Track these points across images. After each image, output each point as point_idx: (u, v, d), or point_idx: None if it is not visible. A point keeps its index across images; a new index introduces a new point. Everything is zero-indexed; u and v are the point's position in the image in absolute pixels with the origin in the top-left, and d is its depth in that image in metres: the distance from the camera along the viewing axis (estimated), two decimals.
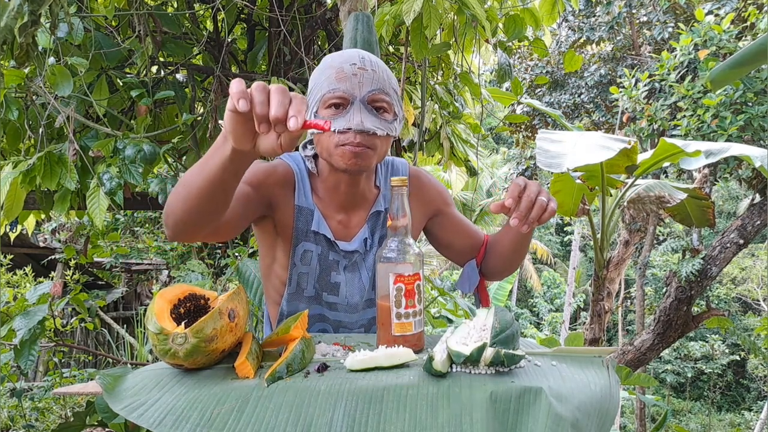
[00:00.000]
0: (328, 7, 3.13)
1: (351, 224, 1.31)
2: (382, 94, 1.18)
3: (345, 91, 1.16)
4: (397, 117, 1.23)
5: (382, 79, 1.19)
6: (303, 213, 1.27)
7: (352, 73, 1.16)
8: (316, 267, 1.28)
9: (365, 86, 1.16)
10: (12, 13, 1.46)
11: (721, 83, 0.86)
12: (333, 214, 1.29)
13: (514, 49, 3.62)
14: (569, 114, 9.03)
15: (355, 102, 1.16)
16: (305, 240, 1.27)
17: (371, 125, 1.15)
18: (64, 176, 2.32)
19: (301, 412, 0.82)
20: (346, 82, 1.16)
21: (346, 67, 1.17)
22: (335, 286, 1.30)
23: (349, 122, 1.14)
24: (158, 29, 2.67)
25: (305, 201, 1.27)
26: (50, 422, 3.68)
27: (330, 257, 1.29)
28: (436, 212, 1.39)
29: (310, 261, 1.28)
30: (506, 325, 0.94)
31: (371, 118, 1.16)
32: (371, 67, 1.18)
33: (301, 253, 1.28)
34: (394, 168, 1.38)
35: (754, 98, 3.85)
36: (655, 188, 2.72)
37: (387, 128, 1.19)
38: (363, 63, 1.18)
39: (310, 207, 1.27)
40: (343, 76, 1.16)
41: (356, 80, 1.16)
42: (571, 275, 13.82)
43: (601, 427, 0.86)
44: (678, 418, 13.58)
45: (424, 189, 1.37)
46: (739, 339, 6.12)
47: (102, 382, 0.92)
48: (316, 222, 1.27)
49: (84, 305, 2.69)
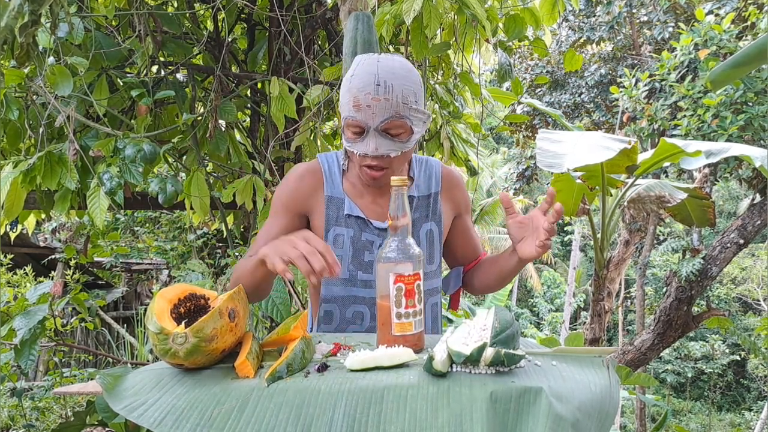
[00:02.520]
0: (329, 7, 3.13)
1: (386, 206, 1.36)
2: (395, 120, 1.25)
3: (360, 120, 1.25)
4: (414, 132, 1.30)
5: (397, 104, 1.24)
6: (333, 202, 1.37)
7: (366, 104, 1.24)
8: (349, 249, 1.35)
9: (378, 117, 1.24)
10: (12, 13, 1.46)
11: (721, 83, 0.85)
12: (367, 196, 1.38)
13: (514, 48, 3.62)
14: (569, 114, 9.03)
15: (370, 131, 1.25)
16: (336, 225, 1.36)
17: (385, 150, 1.26)
18: (65, 176, 2.32)
19: (302, 412, 0.82)
20: (362, 113, 1.24)
21: (362, 98, 1.24)
22: (369, 265, 1.35)
23: (366, 148, 1.26)
24: (158, 29, 2.67)
25: (335, 191, 1.37)
26: (50, 422, 3.68)
27: (363, 238, 1.36)
28: (458, 214, 1.48)
29: (343, 244, 1.35)
30: (506, 325, 0.94)
31: (386, 143, 1.26)
32: (384, 96, 1.23)
33: (333, 238, 1.36)
34: (429, 164, 1.46)
35: (755, 98, 3.85)
36: (656, 188, 2.72)
37: (402, 148, 1.28)
38: (377, 92, 1.23)
39: (339, 196, 1.37)
40: (359, 107, 1.24)
41: (370, 111, 1.24)
42: (572, 275, 13.82)
43: (601, 427, 0.86)
44: (678, 418, 13.58)
45: (456, 189, 1.47)
46: (740, 339, 6.12)
47: (102, 382, 0.92)
48: (347, 207, 1.36)
49: (84, 305, 2.69)
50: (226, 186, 2.80)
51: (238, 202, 2.69)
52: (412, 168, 1.44)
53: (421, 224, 1.40)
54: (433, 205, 1.41)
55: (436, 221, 1.41)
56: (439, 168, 1.46)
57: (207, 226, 4.98)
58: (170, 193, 2.41)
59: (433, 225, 1.41)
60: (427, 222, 1.40)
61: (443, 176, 1.45)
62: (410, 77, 1.27)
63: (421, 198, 1.41)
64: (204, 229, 5.04)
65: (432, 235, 1.40)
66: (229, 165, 3.02)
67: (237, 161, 3.00)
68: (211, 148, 2.88)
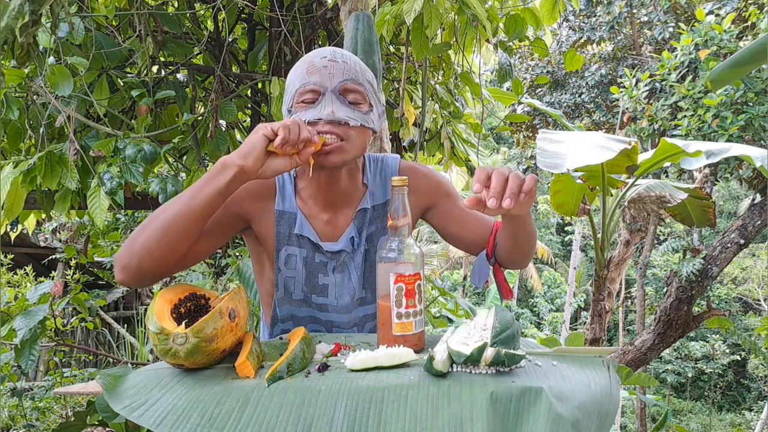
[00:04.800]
0: (329, 7, 3.13)
1: (338, 223, 1.26)
2: (354, 84, 1.16)
3: (316, 82, 1.15)
4: (373, 109, 1.20)
5: (354, 70, 1.18)
6: (284, 217, 1.24)
7: (322, 65, 1.15)
8: (302, 270, 1.25)
9: (336, 77, 1.15)
10: (13, 13, 1.46)
11: (721, 83, 0.85)
12: (319, 214, 1.25)
13: (514, 48, 3.62)
14: (570, 114, 9.03)
15: (326, 93, 1.14)
16: (288, 244, 1.24)
17: (343, 115, 1.13)
18: (65, 176, 2.32)
19: (302, 412, 0.82)
20: (317, 75, 1.15)
21: (317, 60, 1.16)
22: (324, 288, 1.26)
23: (320, 112, 1.13)
24: (159, 29, 2.67)
25: (287, 205, 1.25)
26: (51, 422, 3.69)
27: (316, 259, 1.25)
28: (431, 204, 1.32)
29: (295, 265, 1.25)
30: (507, 325, 0.94)
31: (343, 109, 1.14)
32: (342, 59, 1.17)
33: (284, 258, 1.25)
34: (385, 164, 1.32)
35: (755, 98, 3.85)
36: (656, 188, 2.72)
37: (361, 119, 1.16)
38: (334, 55, 1.18)
39: (292, 211, 1.24)
40: (314, 69, 1.16)
41: (327, 72, 1.15)
42: (572, 275, 13.81)
43: (601, 426, 0.86)
44: (678, 418, 13.58)
45: (418, 181, 1.29)
46: (740, 339, 6.11)
47: (102, 382, 0.92)
48: (299, 225, 1.23)
49: (84, 305, 2.69)
50: None
51: None
52: (366, 173, 1.29)
53: (379, 237, 1.26)
54: None
55: None
56: (395, 165, 1.32)
57: None
58: (171, 193, 2.41)
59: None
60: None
61: (401, 173, 1.30)
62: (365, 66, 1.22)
63: (377, 207, 1.28)
64: None
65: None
66: None
67: None
68: (212, 148, 2.88)
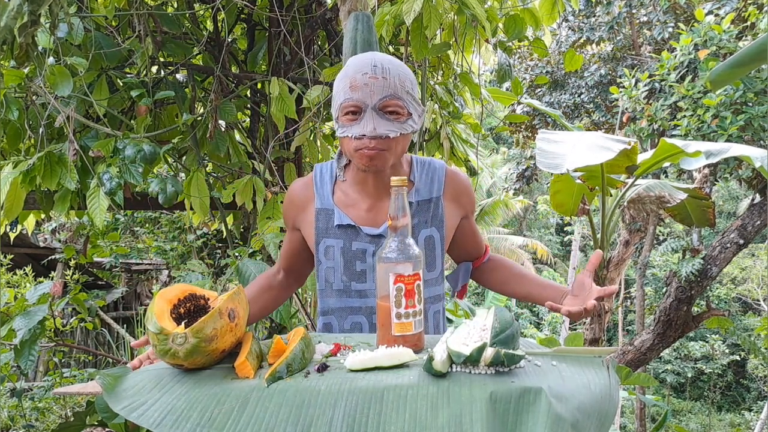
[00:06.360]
0: (328, 7, 3.13)
1: (380, 211, 1.35)
2: (393, 99, 1.26)
3: (358, 100, 1.25)
4: (411, 116, 1.30)
5: (394, 85, 1.26)
6: (323, 213, 1.37)
7: (363, 83, 1.25)
8: (340, 260, 1.35)
9: (376, 94, 1.24)
10: (12, 13, 1.46)
11: (721, 83, 0.85)
12: (359, 202, 1.37)
13: (514, 49, 3.62)
14: (569, 114, 9.03)
15: (367, 110, 1.25)
16: (326, 236, 1.37)
17: (384, 130, 1.25)
18: (64, 176, 2.32)
19: (301, 412, 0.82)
20: (359, 92, 1.25)
21: (359, 77, 1.25)
22: (362, 274, 1.35)
23: (363, 129, 1.24)
24: (158, 29, 2.67)
25: (324, 202, 1.38)
26: (50, 422, 3.68)
27: (353, 248, 1.35)
28: (464, 216, 1.46)
29: (334, 255, 1.36)
30: (506, 325, 0.94)
31: (384, 123, 1.25)
32: (382, 75, 1.26)
33: (323, 250, 1.37)
34: (432, 165, 1.43)
35: (755, 98, 3.85)
36: (656, 188, 2.72)
37: (400, 129, 1.27)
38: (374, 72, 1.25)
39: (329, 207, 1.37)
40: (357, 86, 1.25)
41: (368, 90, 1.25)
42: (572, 275, 13.81)
43: (600, 427, 0.86)
44: (678, 418, 13.57)
45: (462, 191, 1.44)
46: (739, 339, 6.12)
47: (102, 382, 0.92)
48: (337, 217, 1.36)
49: (84, 305, 2.69)
50: (225, 186, 2.79)
51: (238, 203, 2.69)
52: (413, 171, 1.40)
53: (420, 230, 1.36)
54: (434, 209, 1.38)
55: (436, 226, 1.37)
56: (443, 171, 1.42)
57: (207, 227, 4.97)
58: (170, 194, 2.41)
59: (434, 230, 1.37)
60: (426, 228, 1.36)
61: (447, 179, 1.41)
62: (405, 68, 1.30)
63: (421, 203, 1.38)
64: (204, 229, 5.04)
65: (432, 240, 1.37)
66: (228, 165, 3.02)
67: (237, 161, 3.00)
68: (211, 149, 2.88)
